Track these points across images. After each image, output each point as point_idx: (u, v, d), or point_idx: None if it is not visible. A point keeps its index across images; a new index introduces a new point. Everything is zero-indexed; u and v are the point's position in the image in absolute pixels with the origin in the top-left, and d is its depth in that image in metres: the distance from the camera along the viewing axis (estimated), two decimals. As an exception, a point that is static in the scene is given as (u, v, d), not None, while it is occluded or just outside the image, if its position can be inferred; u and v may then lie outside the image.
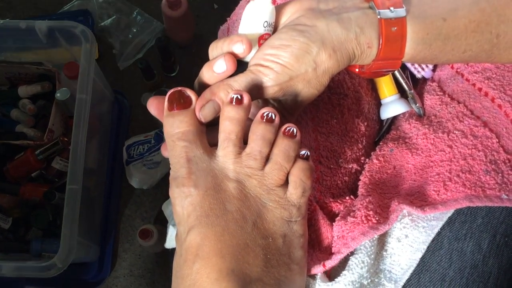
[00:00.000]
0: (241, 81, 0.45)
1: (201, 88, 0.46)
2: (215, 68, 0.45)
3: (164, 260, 1.20)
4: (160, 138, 1.20)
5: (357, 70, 0.51)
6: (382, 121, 0.61)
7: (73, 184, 0.89)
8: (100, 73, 1.11)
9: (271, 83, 0.44)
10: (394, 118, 0.60)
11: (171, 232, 0.58)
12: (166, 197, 1.33)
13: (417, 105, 0.56)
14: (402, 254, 0.46)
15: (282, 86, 0.45)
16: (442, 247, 0.45)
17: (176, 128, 0.44)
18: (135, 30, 1.36)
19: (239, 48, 0.44)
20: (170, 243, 0.60)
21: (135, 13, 1.37)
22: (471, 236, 0.44)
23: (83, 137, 0.92)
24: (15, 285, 1.04)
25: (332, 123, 0.55)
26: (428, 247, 0.45)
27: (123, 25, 1.36)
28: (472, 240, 0.44)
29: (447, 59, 0.48)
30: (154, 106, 0.46)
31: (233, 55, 0.45)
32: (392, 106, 0.58)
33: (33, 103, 1.15)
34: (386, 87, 0.59)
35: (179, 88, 0.45)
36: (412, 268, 0.45)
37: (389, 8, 0.44)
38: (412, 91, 0.57)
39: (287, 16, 0.47)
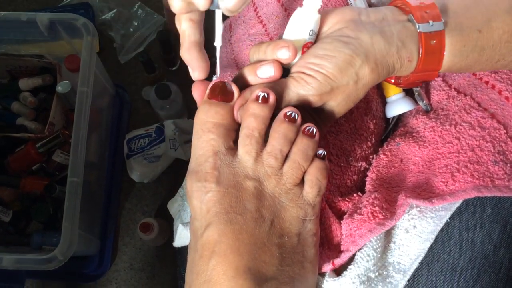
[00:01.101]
0: (283, 86, 0.45)
1: (239, 86, 0.46)
2: (260, 73, 0.45)
3: (164, 253, 1.20)
4: (161, 132, 1.19)
5: (392, 81, 0.52)
6: (388, 119, 0.60)
7: (74, 177, 0.89)
8: (101, 67, 1.11)
9: (312, 92, 0.44)
10: (401, 116, 0.60)
11: (180, 230, 0.58)
12: (167, 191, 1.33)
13: (424, 102, 0.56)
14: (410, 245, 0.46)
15: (323, 96, 0.45)
16: (452, 238, 0.45)
17: (210, 117, 0.44)
18: (136, 24, 1.35)
19: (284, 54, 0.44)
20: (179, 241, 0.59)
21: (136, 6, 1.36)
22: (481, 226, 0.44)
23: (84, 130, 0.91)
24: (15, 278, 1.03)
25: (341, 122, 0.55)
26: (437, 237, 0.45)
27: (124, 18, 1.36)
28: (482, 230, 0.44)
29: (480, 68, 0.49)
30: (201, 90, 0.46)
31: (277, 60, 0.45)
32: (397, 105, 0.57)
33: (34, 96, 1.14)
34: (391, 85, 0.59)
35: (224, 81, 0.45)
36: (420, 258, 0.45)
37: (428, 22, 0.45)
38: (418, 88, 0.57)
39: (328, 26, 0.47)
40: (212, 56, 0.46)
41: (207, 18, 0.43)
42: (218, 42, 0.43)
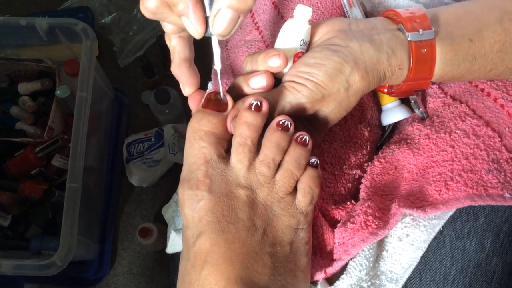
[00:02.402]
0: (275, 96, 0.45)
1: (232, 96, 0.46)
2: (252, 83, 0.46)
3: (163, 258, 1.20)
4: (160, 136, 1.19)
5: (385, 90, 0.52)
6: (384, 126, 0.61)
7: (73, 182, 0.89)
8: (100, 71, 1.11)
9: (304, 100, 0.45)
10: (397, 123, 0.60)
11: (173, 237, 0.58)
12: (166, 195, 1.33)
13: (420, 109, 0.56)
14: (403, 253, 0.46)
15: (314, 104, 0.45)
16: (444, 246, 0.45)
17: (202, 125, 0.44)
18: (135, 28, 1.35)
19: (275, 62, 0.45)
20: (171, 248, 0.59)
21: (135, 10, 1.36)
22: (474, 235, 0.44)
23: (83, 135, 0.91)
24: (14, 283, 1.04)
25: (336, 130, 0.55)
26: (430, 246, 0.45)
27: (123, 22, 1.36)
28: (475, 239, 0.44)
29: (473, 77, 0.49)
30: (197, 99, 0.46)
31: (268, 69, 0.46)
32: (392, 112, 0.57)
33: (33, 100, 1.14)
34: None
35: (219, 91, 0.45)
36: (413, 267, 0.45)
37: (418, 31, 0.45)
38: (414, 96, 0.57)
39: (319, 36, 0.48)
40: (210, 65, 0.46)
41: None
42: (217, 66, 0.44)
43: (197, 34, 0.39)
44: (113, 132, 1.26)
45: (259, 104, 0.43)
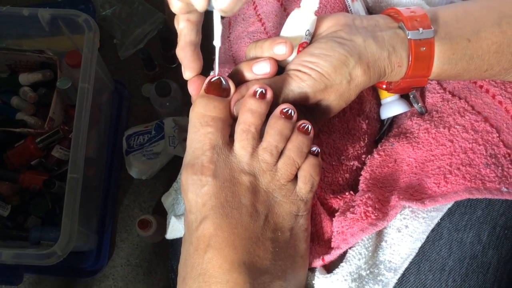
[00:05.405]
0: (278, 83, 0.46)
1: (235, 82, 0.47)
2: (256, 69, 0.46)
3: (161, 249, 1.21)
4: (160, 129, 1.20)
5: (384, 86, 0.54)
6: (383, 120, 0.61)
7: (74, 173, 0.89)
8: (101, 63, 1.11)
9: (307, 89, 0.46)
10: (396, 117, 0.61)
11: (173, 223, 0.59)
12: (165, 187, 1.33)
13: (419, 104, 0.56)
14: (401, 244, 0.47)
15: (316, 94, 0.46)
16: (442, 238, 0.46)
17: (208, 111, 0.44)
18: (136, 20, 1.35)
19: (281, 50, 0.46)
20: (171, 234, 0.60)
21: (136, 3, 1.37)
22: (471, 227, 0.45)
23: (84, 126, 0.92)
24: (13, 273, 1.04)
25: (334, 122, 0.56)
26: (428, 237, 0.46)
27: (124, 14, 1.36)
28: (472, 231, 0.45)
29: (469, 77, 0.50)
30: (197, 84, 0.46)
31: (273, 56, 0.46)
32: (391, 106, 0.58)
33: (34, 91, 1.15)
34: None
35: (221, 76, 0.45)
36: (411, 257, 0.46)
37: (418, 29, 0.46)
38: (414, 91, 0.58)
39: (323, 29, 0.49)
40: (213, 54, 0.47)
41: (209, 18, 0.44)
42: (217, 42, 0.44)
43: (200, 5, 0.39)
44: (113, 124, 1.27)
45: (263, 91, 0.44)
